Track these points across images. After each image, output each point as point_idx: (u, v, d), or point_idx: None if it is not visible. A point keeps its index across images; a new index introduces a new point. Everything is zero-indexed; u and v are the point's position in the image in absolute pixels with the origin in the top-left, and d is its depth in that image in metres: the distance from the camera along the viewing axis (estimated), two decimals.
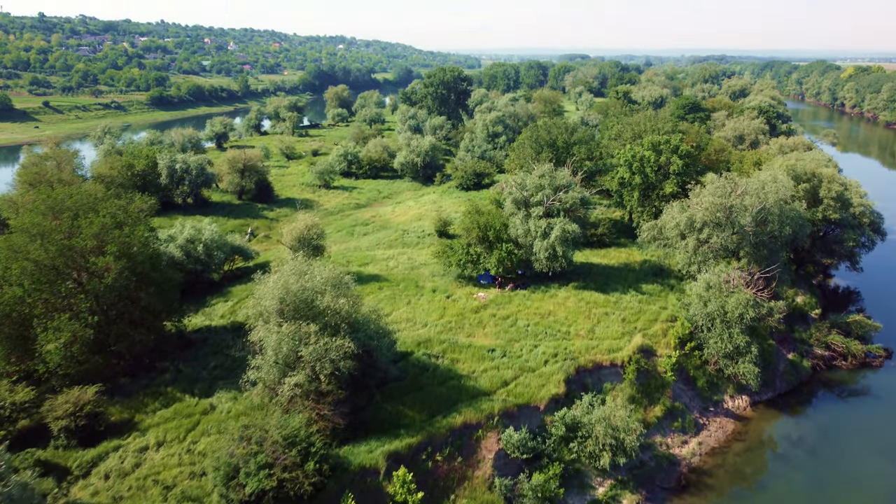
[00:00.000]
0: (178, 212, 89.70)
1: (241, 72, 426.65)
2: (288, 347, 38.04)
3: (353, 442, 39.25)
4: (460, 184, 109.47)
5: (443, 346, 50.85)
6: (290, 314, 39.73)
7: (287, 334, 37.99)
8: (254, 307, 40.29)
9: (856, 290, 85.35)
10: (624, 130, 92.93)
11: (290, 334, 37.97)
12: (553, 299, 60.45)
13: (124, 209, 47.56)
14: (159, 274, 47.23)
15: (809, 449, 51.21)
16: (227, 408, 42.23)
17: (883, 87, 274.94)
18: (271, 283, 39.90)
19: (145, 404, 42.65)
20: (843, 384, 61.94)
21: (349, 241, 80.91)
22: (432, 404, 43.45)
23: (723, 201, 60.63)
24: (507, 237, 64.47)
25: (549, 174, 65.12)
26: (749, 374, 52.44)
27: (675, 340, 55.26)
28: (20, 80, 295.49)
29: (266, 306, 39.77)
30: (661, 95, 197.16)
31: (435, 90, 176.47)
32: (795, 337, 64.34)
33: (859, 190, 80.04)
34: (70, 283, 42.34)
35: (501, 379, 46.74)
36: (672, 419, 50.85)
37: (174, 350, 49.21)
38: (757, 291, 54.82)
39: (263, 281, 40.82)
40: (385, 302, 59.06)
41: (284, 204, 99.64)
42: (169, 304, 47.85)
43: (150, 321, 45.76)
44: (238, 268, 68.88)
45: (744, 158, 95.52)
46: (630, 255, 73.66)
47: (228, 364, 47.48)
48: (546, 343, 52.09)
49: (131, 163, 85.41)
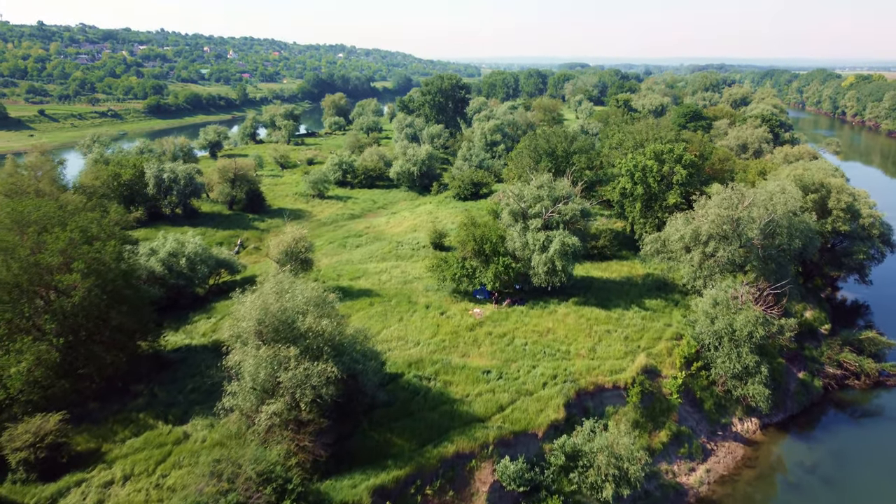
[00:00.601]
0: (166, 223, 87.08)
1: (240, 80, 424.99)
2: (266, 373, 35.28)
3: (335, 475, 36.34)
4: (457, 194, 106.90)
5: (435, 367, 48.02)
6: (269, 336, 37.01)
7: (265, 359, 35.23)
8: (230, 328, 37.52)
9: (864, 303, 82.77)
10: (625, 139, 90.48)
11: (268, 359, 35.23)
12: (552, 316, 57.67)
13: (98, 222, 44.84)
14: (133, 291, 44.42)
15: (823, 476, 48.32)
16: (202, 436, 39.33)
17: (885, 96, 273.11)
18: (248, 302, 37.19)
19: (114, 432, 39.74)
20: (856, 405, 59.13)
21: (341, 253, 78.19)
22: (423, 432, 40.60)
23: (730, 213, 58.06)
24: (505, 250, 61.79)
25: (547, 185, 62.51)
26: (759, 397, 49.75)
27: (680, 360, 52.43)
28: (17, 88, 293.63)
29: (244, 328, 37.06)
30: (661, 104, 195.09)
31: (432, 98, 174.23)
32: (806, 355, 61.49)
33: (868, 200, 77.84)
34: (36, 302, 39.61)
35: (497, 403, 43.88)
36: (678, 445, 47.96)
37: (150, 372, 46.32)
38: (766, 308, 52.14)
39: (241, 300, 38.09)
40: (376, 319, 56.27)
41: (276, 214, 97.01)
42: (144, 323, 45.00)
43: (122, 342, 42.92)
44: (224, 282, 66.07)
45: (748, 168, 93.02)
46: (632, 269, 70.92)
47: (207, 387, 44.59)
48: (545, 363, 49.26)
49: (117, 172, 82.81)
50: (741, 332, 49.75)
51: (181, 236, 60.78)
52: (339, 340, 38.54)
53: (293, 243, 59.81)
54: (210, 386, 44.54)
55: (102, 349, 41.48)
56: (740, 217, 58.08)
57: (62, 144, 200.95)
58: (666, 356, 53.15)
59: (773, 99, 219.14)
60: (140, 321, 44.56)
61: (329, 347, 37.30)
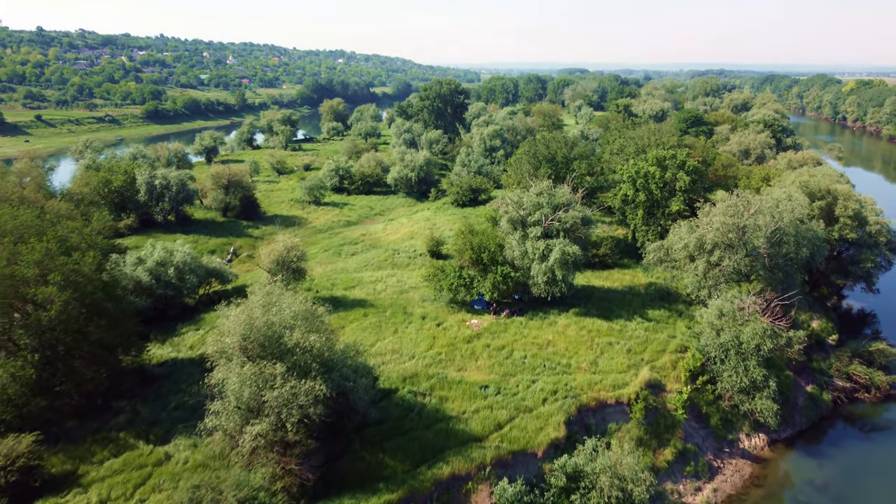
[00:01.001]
0: (158, 230, 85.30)
1: (240, 86, 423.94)
2: (250, 391, 33.44)
3: (324, 499, 34.43)
4: (455, 200, 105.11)
5: (431, 381, 46.11)
6: (255, 352, 35.18)
7: (249, 376, 33.40)
8: (213, 344, 35.65)
9: (871, 312, 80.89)
10: (627, 145, 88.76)
11: (252, 376, 33.39)
12: (552, 327, 55.78)
13: (79, 231, 43.06)
14: (115, 303, 42.54)
15: (834, 495, 46.45)
16: (184, 457, 37.39)
17: (886, 101, 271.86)
18: (233, 316, 35.37)
19: (92, 453, 37.79)
20: (866, 419, 57.27)
21: (336, 261, 76.35)
22: (416, 452, 38.69)
23: (735, 221, 56.29)
24: (503, 259, 59.96)
25: (547, 191, 60.65)
26: (767, 412, 47.85)
27: (685, 374, 50.54)
28: (14, 93, 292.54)
29: (227, 343, 35.24)
30: (662, 109, 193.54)
31: (431, 103, 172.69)
32: (814, 367, 59.61)
33: (875, 207, 76.28)
34: (13, 316, 37.78)
35: (495, 421, 41.97)
36: (684, 463, 46.05)
37: (133, 387, 44.37)
38: (774, 320, 50.30)
39: (226, 314, 36.26)
40: (370, 331, 54.39)
41: (271, 221, 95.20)
42: (126, 337, 43.12)
43: (103, 356, 41.04)
44: (215, 291, 64.22)
45: (751, 174, 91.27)
46: (634, 278, 69.04)
47: (192, 404, 42.66)
48: (545, 378, 47.35)
49: (108, 178, 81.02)
50: (748, 345, 47.95)
51: (170, 245, 58.93)
52: (329, 356, 36.74)
53: (285, 252, 58.03)
54: (195, 402, 42.61)
55: (82, 364, 39.69)
56: (746, 225, 56.30)
57: (58, 150, 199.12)
58: (670, 369, 51.26)
59: (775, 104, 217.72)
60: (122, 334, 42.68)
61: (318, 364, 35.50)
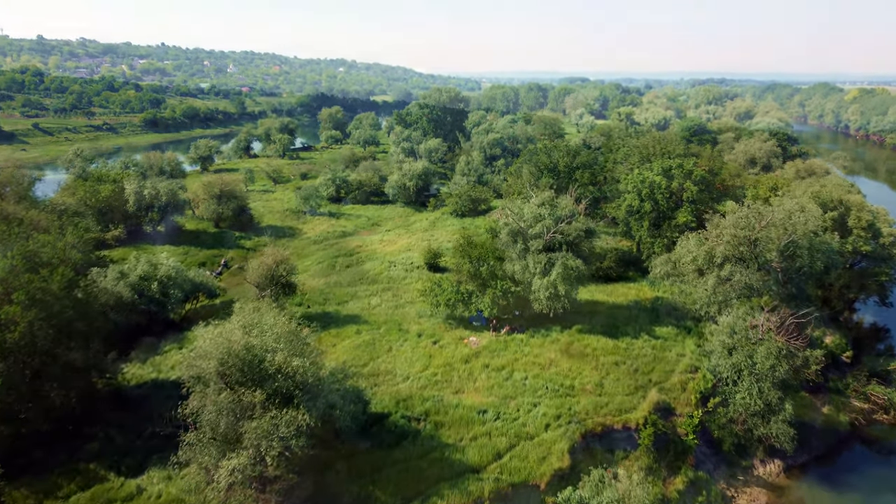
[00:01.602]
0: (147, 241, 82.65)
1: (240, 94, 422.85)
2: (227, 422, 30.74)
3: None
4: (455, 210, 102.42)
5: (426, 405, 43.34)
6: (234, 377, 32.46)
7: (226, 405, 30.70)
8: (188, 369, 32.91)
9: (884, 326, 77.96)
10: (631, 153, 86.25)
11: (229, 405, 30.69)
12: (555, 345, 52.98)
13: (51, 245, 40.43)
14: (87, 322, 39.83)
15: None
16: (157, 491, 34.59)
17: (889, 110, 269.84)
18: (210, 339, 32.66)
19: (59, 486, 34.96)
20: (885, 441, 54.27)
21: (330, 274, 73.62)
22: (409, 484, 35.88)
23: (747, 233, 53.59)
24: (503, 273, 57.25)
25: (549, 203, 58.01)
26: (783, 437, 44.85)
27: (696, 396, 47.73)
28: (13, 101, 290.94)
29: (204, 367, 32.50)
30: (664, 117, 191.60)
31: (430, 112, 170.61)
32: (830, 387, 56.71)
33: (888, 218, 73.72)
34: None
35: (494, 450, 39.15)
36: (696, 492, 43.06)
37: (107, 412, 41.60)
38: (789, 338, 47.43)
39: (203, 335, 33.56)
40: (362, 349, 51.64)
41: (264, 232, 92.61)
42: (99, 359, 40.37)
43: (73, 380, 38.31)
44: (203, 306, 61.54)
45: (759, 183, 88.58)
46: (640, 292, 66.25)
47: (169, 431, 39.82)
48: (547, 401, 44.55)
49: (95, 188, 78.53)
50: (762, 366, 45.10)
51: (154, 258, 56.29)
52: (314, 382, 33.99)
53: (274, 266, 55.38)
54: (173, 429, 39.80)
55: (50, 389, 36.92)
56: (758, 238, 53.63)
57: (54, 158, 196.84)
58: (680, 391, 48.44)
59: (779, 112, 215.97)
60: (96, 355, 39.96)
61: (301, 391, 32.76)
